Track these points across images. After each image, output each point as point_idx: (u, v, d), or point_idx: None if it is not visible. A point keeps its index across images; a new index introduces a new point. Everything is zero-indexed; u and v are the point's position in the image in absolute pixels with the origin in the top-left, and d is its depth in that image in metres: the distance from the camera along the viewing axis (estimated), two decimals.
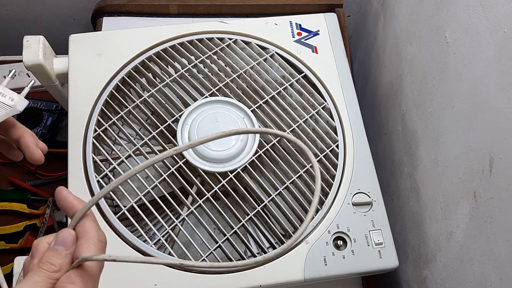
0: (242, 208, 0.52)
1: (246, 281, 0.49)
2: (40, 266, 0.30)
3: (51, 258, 0.30)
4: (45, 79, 0.59)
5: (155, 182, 0.52)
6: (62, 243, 0.31)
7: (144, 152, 0.54)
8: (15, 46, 0.72)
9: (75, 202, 0.32)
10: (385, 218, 0.54)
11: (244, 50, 0.63)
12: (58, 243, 0.31)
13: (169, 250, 0.50)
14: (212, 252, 0.50)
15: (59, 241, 0.31)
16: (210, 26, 0.64)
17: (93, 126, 0.55)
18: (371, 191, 0.55)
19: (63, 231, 0.31)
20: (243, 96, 0.58)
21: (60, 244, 0.31)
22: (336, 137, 0.57)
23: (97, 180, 0.52)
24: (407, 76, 0.63)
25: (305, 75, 0.61)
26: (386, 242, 0.52)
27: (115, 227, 0.50)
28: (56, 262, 0.30)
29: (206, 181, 0.53)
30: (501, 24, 0.40)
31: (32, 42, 0.57)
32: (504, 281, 0.40)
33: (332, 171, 0.55)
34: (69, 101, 0.57)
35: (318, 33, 0.65)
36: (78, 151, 0.54)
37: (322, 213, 0.53)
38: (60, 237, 0.31)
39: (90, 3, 0.82)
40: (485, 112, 0.43)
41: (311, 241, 0.51)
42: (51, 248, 0.31)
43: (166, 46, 0.61)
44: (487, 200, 0.43)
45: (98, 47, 0.61)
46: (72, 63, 0.59)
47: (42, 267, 0.30)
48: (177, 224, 0.50)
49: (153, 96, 0.58)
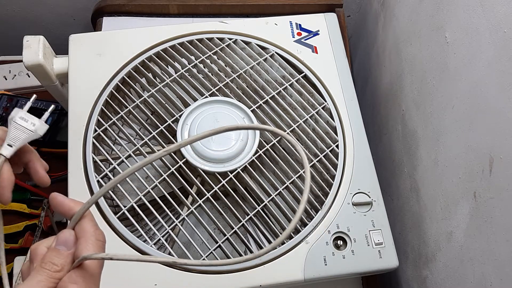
0: (242, 208, 0.52)
1: (246, 281, 0.49)
2: (42, 266, 0.30)
3: (53, 258, 0.30)
4: (45, 79, 0.59)
5: (155, 182, 0.52)
6: (64, 243, 0.31)
7: (144, 152, 0.54)
8: (15, 46, 0.72)
9: (72, 204, 0.33)
10: (385, 218, 0.54)
11: (244, 50, 0.63)
12: (59, 243, 0.31)
13: (169, 250, 0.50)
14: (212, 252, 0.50)
15: (60, 242, 0.31)
16: (210, 26, 0.64)
17: (93, 126, 0.55)
18: (371, 191, 0.55)
19: (63, 231, 0.32)
20: (243, 96, 0.58)
21: (61, 244, 0.31)
22: (336, 137, 0.57)
23: (97, 180, 0.52)
24: (407, 76, 0.63)
25: (305, 75, 0.61)
26: (386, 242, 0.52)
27: (115, 227, 0.50)
28: (58, 262, 0.30)
29: (206, 181, 0.53)
30: (501, 24, 0.40)
31: (32, 42, 0.57)
32: (504, 281, 0.40)
33: (332, 171, 0.55)
34: (69, 101, 0.57)
35: (318, 33, 0.65)
36: (78, 151, 0.54)
37: (322, 213, 0.53)
38: (61, 237, 0.31)
39: (90, 3, 0.82)
40: (485, 112, 0.43)
41: (311, 241, 0.51)
42: (53, 248, 0.31)
43: (166, 46, 0.61)
44: (487, 200, 0.43)
45: (98, 47, 0.61)
46: (72, 63, 0.59)
47: (44, 267, 0.30)
48: (177, 224, 0.50)
49: (153, 96, 0.58)
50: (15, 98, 0.80)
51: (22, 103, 0.79)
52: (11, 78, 0.86)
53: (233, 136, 0.55)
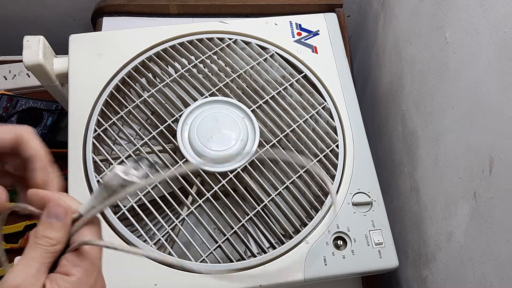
0: (242, 208, 0.52)
1: (246, 281, 0.49)
2: (36, 242, 0.28)
3: (45, 231, 0.29)
4: (45, 79, 0.59)
5: (155, 182, 0.52)
6: (54, 216, 0.29)
7: (144, 152, 0.54)
8: (15, 46, 0.72)
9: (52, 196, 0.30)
10: (385, 218, 0.54)
11: (244, 50, 0.63)
12: (50, 216, 0.29)
13: (169, 250, 0.50)
14: (212, 252, 0.50)
15: (51, 214, 0.29)
16: (210, 26, 0.64)
17: (93, 126, 0.55)
18: (371, 191, 0.55)
19: (51, 205, 0.30)
20: (243, 96, 0.58)
21: (52, 216, 0.29)
22: (336, 137, 0.57)
23: (97, 180, 0.52)
24: (407, 76, 0.63)
25: (305, 75, 0.61)
26: (386, 242, 0.52)
27: (115, 227, 0.50)
28: (52, 235, 0.29)
29: (206, 181, 0.53)
30: (501, 24, 0.40)
31: (32, 42, 0.57)
32: (504, 281, 0.40)
33: (332, 171, 0.55)
34: (69, 101, 0.57)
35: (318, 33, 0.65)
36: (78, 151, 0.54)
37: (322, 213, 0.53)
38: (51, 210, 0.29)
39: (90, 3, 0.82)
40: (485, 112, 0.43)
41: (311, 241, 0.51)
42: (44, 221, 0.29)
43: (166, 46, 0.61)
44: (487, 200, 0.43)
45: (98, 47, 0.61)
46: (72, 63, 0.59)
47: (38, 242, 0.28)
48: (177, 224, 0.50)
49: (153, 96, 0.58)
50: (15, 98, 0.80)
51: (22, 103, 0.79)
52: (11, 78, 0.86)
53: (233, 136, 0.55)
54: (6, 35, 0.96)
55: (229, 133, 0.55)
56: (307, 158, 0.56)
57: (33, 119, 0.78)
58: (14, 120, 0.77)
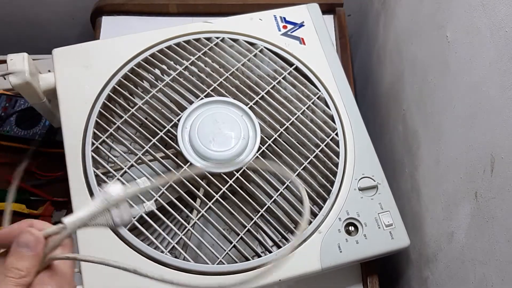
0: (252, 205, 0.52)
1: (265, 277, 0.48)
2: (6, 274, 0.27)
3: (16, 263, 0.28)
4: (32, 97, 0.58)
5: (162, 189, 0.51)
6: (25, 245, 0.29)
7: (146, 160, 0.53)
8: (14, 46, 0.70)
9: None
10: (392, 199, 0.54)
11: (232, 47, 0.62)
12: (21, 245, 0.29)
13: (183, 255, 0.49)
14: (228, 253, 0.49)
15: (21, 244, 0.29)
16: (195, 27, 0.63)
17: (90, 139, 0.54)
18: (374, 174, 0.55)
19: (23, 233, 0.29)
20: (239, 93, 0.58)
21: (23, 246, 0.28)
22: (334, 125, 0.58)
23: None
24: (408, 75, 0.62)
25: (296, 67, 0.61)
26: (395, 223, 0.53)
27: (125, 237, 0.49)
28: (22, 266, 0.28)
29: (212, 183, 0.53)
30: (502, 24, 0.40)
31: (17, 61, 0.55)
32: (505, 281, 0.40)
33: (335, 159, 0.56)
34: (62, 117, 0.56)
35: (303, 25, 0.65)
36: (77, 166, 0.53)
37: (330, 202, 0.53)
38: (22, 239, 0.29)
39: (90, 2, 0.80)
40: (486, 111, 0.43)
41: (323, 230, 0.52)
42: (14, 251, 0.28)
43: (153, 51, 0.60)
44: (488, 200, 0.43)
45: (84, 59, 0.59)
46: (60, 78, 0.58)
47: (8, 275, 0.27)
48: (190, 229, 0.50)
49: (148, 102, 0.57)
50: (14, 98, 0.78)
51: (21, 103, 0.77)
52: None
53: (233, 136, 0.54)
54: (6, 35, 0.93)
55: (230, 133, 0.54)
56: (309, 150, 0.56)
57: (32, 119, 0.76)
58: (13, 120, 0.75)
